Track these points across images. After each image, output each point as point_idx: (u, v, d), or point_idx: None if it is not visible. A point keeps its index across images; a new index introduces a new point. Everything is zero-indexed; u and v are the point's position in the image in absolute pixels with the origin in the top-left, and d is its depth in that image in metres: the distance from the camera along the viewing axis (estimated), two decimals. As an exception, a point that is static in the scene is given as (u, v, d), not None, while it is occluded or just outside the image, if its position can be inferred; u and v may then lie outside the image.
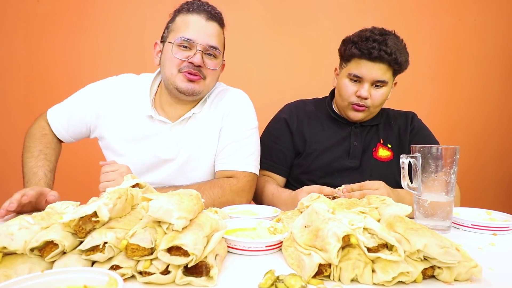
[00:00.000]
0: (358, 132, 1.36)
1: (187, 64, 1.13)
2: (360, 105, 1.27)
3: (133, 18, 2.12)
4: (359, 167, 1.31)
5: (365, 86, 1.24)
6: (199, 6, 1.15)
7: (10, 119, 2.08)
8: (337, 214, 0.69)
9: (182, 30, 1.13)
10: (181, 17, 1.16)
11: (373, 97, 1.26)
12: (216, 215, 0.71)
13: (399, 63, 1.23)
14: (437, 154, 0.87)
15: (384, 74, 1.24)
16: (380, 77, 1.23)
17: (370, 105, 1.27)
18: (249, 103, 1.30)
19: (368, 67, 1.22)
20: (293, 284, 0.54)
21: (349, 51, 1.25)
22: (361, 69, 1.23)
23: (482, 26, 2.25)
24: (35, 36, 2.09)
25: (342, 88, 1.30)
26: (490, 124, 2.30)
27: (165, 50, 1.17)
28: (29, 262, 0.57)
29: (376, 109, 1.32)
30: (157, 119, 1.20)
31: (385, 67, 1.23)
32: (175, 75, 1.14)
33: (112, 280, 0.49)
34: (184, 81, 1.14)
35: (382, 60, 1.21)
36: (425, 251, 0.58)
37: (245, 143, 1.22)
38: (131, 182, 0.77)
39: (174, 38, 1.14)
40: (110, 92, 1.24)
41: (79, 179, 1.96)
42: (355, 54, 1.23)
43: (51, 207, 0.77)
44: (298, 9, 2.17)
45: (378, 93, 1.26)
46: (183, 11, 1.16)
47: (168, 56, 1.14)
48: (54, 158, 1.20)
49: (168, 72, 1.15)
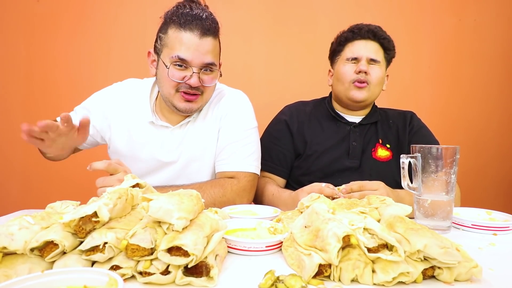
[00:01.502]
0: (357, 131, 1.36)
1: (184, 84, 1.11)
2: (361, 81, 1.31)
3: (133, 18, 2.12)
4: (359, 167, 1.31)
5: (362, 62, 1.32)
6: (192, 19, 1.08)
7: (10, 119, 2.07)
8: (337, 215, 0.69)
9: (176, 49, 1.08)
10: (174, 31, 1.09)
11: (371, 73, 1.32)
12: (216, 215, 0.71)
13: (389, 40, 1.36)
14: (437, 154, 0.87)
15: (377, 53, 1.34)
16: (374, 55, 1.33)
17: (370, 81, 1.32)
18: (247, 103, 1.30)
19: (361, 45, 1.34)
20: (293, 284, 0.54)
21: (342, 38, 1.39)
22: (355, 48, 1.35)
23: (482, 26, 2.25)
24: (35, 36, 2.09)
25: (341, 73, 1.36)
26: (490, 124, 2.29)
27: (160, 67, 1.13)
28: (29, 262, 0.57)
29: (375, 90, 1.34)
30: (159, 124, 1.21)
31: (377, 45, 1.35)
32: (173, 95, 1.13)
33: (112, 280, 0.49)
34: (181, 101, 1.13)
35: (373, 36, 1.34)
36: (425, 252, 0.58)
37: (245, 143, 1.22)
38: (131, 182, 0.77)
39: (168, 55, 1.09)
40: (116, 98, 1.25)
41: (79, 179, 1.96)
42: (348, 37, 1.37)
43: (51, 207, 0.77)
44: (298, 9, 2.17)
45: (374, 69, 1.33)
46: (175, 24, 1.09)
47: (164, 75, 1.11)
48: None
49: (165, 91, 1.14)
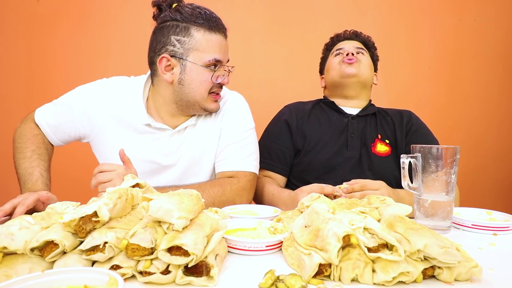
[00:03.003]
0: (354, 123, 1.37)
1: (217, 84, 1.15)
2: (350, 58, 1.39)
3: (134, 18, 2.12)
4: (359, 160, 1.31)
5: (349, 48, 1.43)
6: (216, 22, 1.13)
7: (10, 119, 2.07)
8: (337, 214, 0.69)
9: (211, 51, 1.11)
10: (203, 34, 1.10)
11: (358, 57, 1.41)
12: (216, 215, 0.71)
13: (371, 42, 1.51)
14: (437, 154, 0.87)
15: (362, 47, 1.46)
16: (359, 46, 1.46)
17: (359, 60, 1.40)
18: (245, 104, 1.31)
19: (347, 43, 1.48)
20: (293, 284, 0.54)
21: (329, 44, 1.54)
22: (342, 45, 1.48)
23: (482, 26, 2.25)
24: (35, 36, 2.09)
25: (331, 63, 1.46)
26: (490, 124, 2.29)
27: (191, 70, 1.12)
28: (30, 262, 0.57)
29: (365, 69, 1.41)
30: (156, 126, 1.18)
31: (360, 44, 1.48)
32: (206, 98, 1.16)
33: (113, 280, 0.49)
34: (212, 102, 1.18)
35: (356, 37, 1.49)
36: (426, 251, 0.58)
37: (244, 144, 1.23)
38: (131, 182, 0.77)
39: (202, 59, 1.10)
40: (103, 96, 1.19)
41: (79, 180, 1.96)
42: (334, 40, 1.52)
43: (51, 207, 0.77)
44: (297, 10, 2.18)
45: (362, 56, 1.43)
46: (202, 27, 1.10)
47: (197, 78, 1.12)
48: (48, 158, 1.17)
49: (199, 95, 1.14)
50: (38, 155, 1.14)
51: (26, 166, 1.10)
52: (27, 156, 1.13)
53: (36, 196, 0.90)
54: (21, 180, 1.09)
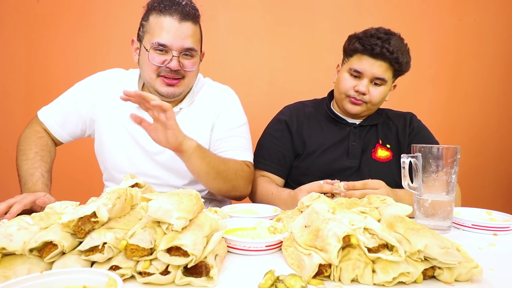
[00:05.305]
0: (357, 132, 1.36)
1: (165, 68, 1.13)
2: (357, 99, 1.28)
3: (134, 18, 2.11)
4: (359, 167, 1.31)
5: (364, 82, 1.26)
6: (171, 5, 1.11)
7: (10, 119, 2.07)
8: (337, 214, 0.69)
9: (156, 34, 1.11)
10: (154, 17, 1.12)
11: (371, 94, 1.27)
12: (215, 215, 0.71)
13: (400, 63, 1.25)
14: (437, 154, 0.87)
15: (385, 72, 1.25)
16: (379, 74, 1.25)
17: (367, 101, 1.28)
18: (237, 100, 1.34)
19: (369, 63, 1.24)
20: (293, 284, 0.54)
21: (353, 46, 1.28)
22: (362, 64, 1.25)
23: (482, 26, 2.25)
24: (35, 36, 2.08)
25: (341, 82, 1.31)
26: (490, 124, 2.29)
27: (142, 52, 1.16)
28: (28, 263, 0.57)
29: (373, 107, 1.32)
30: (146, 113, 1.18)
31: (386, 65, 1.24)
32: (154, 80, 1.15)
33: (112, 280, 0.49)
34: (163, 85, 1.15)
35: (384, 57, 1.22)
36: (426, 252, 0.58)
37: (241, 137, 1.26)
38: (131, 182, 0.77)
39: (149, 41, 1.12)
40: (101, 86, 1.25)
41: (78, 179, 1.96)
42: (358, 49, 1.25)
43: (50, 207, 0.77)
44: (298, 10, 2.17)
45: (376, 91, 1.27)
46: (155, 11, 1.12)
47: (145, 60, 1.14)
48: (50, 160, 1.19)
49: (147, 76, 1.16)
50: (41, 157, 1.15)
51: (28, 167, 1.11)
52: (29, 157, 1.14)
53: (33, 198, 0.90)
54: (22, 181, 1.10)
